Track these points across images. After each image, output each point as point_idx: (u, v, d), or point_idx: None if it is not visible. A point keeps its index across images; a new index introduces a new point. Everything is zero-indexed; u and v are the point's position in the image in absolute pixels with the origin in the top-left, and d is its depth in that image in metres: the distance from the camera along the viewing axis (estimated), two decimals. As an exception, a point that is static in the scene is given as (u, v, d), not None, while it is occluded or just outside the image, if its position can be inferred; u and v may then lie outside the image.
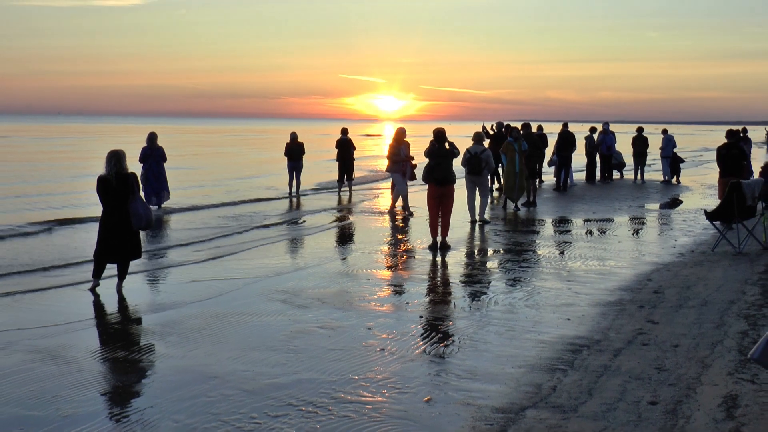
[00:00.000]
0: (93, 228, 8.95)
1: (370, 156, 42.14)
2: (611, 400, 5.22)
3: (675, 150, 24.50)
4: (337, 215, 16.15)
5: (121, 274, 8.77)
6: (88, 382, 5.67)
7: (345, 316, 7.51)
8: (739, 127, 22.93)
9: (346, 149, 20.10)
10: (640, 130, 24.77)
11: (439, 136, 11.62)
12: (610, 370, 5.85)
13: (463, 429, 4.78)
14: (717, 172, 15.15)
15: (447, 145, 11.58)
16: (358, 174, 23.18)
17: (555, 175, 22.18)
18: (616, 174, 25.57)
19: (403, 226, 14.43)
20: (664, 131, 25.16)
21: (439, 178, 11.53)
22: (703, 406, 5.08)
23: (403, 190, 15.96)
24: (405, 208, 15.95)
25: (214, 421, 4.90)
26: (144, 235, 11.80)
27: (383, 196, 19.92)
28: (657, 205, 18.13)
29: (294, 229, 14.13)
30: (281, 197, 19.64)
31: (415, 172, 15.85)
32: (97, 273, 8.70)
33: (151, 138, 16.35)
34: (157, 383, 5.68)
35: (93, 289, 8.62)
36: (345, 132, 20.43)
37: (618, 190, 21.70)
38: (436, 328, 7.19)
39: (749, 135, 23.44)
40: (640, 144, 24.45)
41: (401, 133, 16.10)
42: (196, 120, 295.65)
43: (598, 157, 24.37)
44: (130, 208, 8.52)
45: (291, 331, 6.99)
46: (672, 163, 24.18)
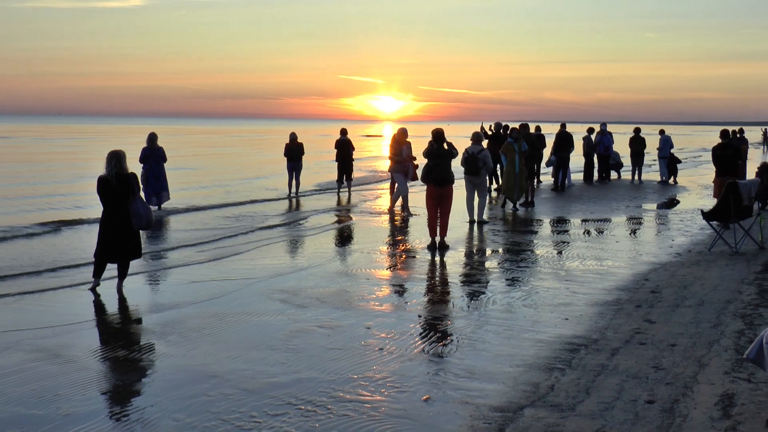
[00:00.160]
0: (97, 229, 8.97)
1: (370, 157, 42.13)
2: (609, 399, 5.24)
3: (672, 150, 24.56)
4: (337, 215, 16.17)
5: (122, 274, 8.80)
6: (89, 381, 5.69)
7: (344, 316, 7.54)
8: (736, 128, 23.01)
9: (345, 150, 20.13)
10: (638, 131, 24.85)
11: (437, 136, 11.65)
12: (607, 369, 5.88)
13: (462, 428, 4.80)
14: (714, 173, 15.22)
15: (446, 146, 11.61)
16: (357, 174, 23.21)
17: (553, 176, 22.23)
18: (614, 174, 25.63)
19: (402, 227, 14.46)
20: (662, 132, 25.20)
21: (437, 179, 11.56)
22: (700, 405, 5.11)
23: (404, 191, 16.00)
24: (404, 208, 15.98)
25: (214, 419, 4.92)
26: (144, 236, 11.82)
27: (382, 197, 19.93)
28: (654, 206, 18.18)
29: (293, 230, 14.15)
30: (281, 198, 19.66)
31: (417, 173, 15.89)
32: (98, 273, 8.73)
33: (151, 138, 16.36)
34: (157, 382, 5.70)
35: (93, 289, 8.66)
36: (344, 132, 20.46)
37: (615, 190, 21.74)
38: (435, 327, 7.21)
39: (746, 136, 23.49)
40: (638, 144, 24.53)
41: (402, 134, 16.15)
42: (196, 120, 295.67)
43: (595, 158, 24.45)
44: (131, 209, 8.54)
45: (290, 330, 7.01)
46: (669, 163, 24.24)
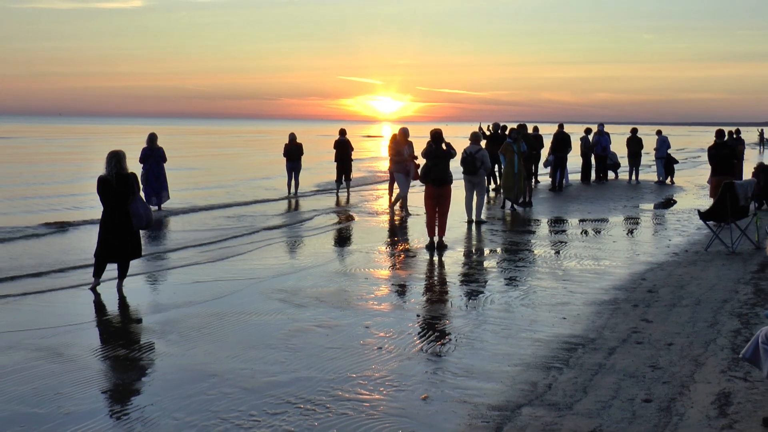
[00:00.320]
0: (97, 229, 8.98)
1: (369, 157, 42.09)
2: (606, 397, 5.27)
3: (669, 151, 24.61)
4: (336, 215, 16.18)
5: (122, 274, 8.82)
6: (89, 380, 5.72)
7: (343, 315, 7.57)
8: (733, 128, 23.06)
9: (344, 150, 20.14)
10: (635, 131, 24.91)
11: (436, 137, 11.68)
12: (604, 368, 5.91)
13: (460, 426, 4.82)
14: (710, 172, 15.29)
15: (444, 146, 11.64)
16: (356, 174, 23.23)
17: (551, 176, 22.28)
18: (611, 174, 25.67)
19: (401, 226, 14.50)
20: (659, 132, 25.26)
21: (436, 179, 11.60)
22: (697, 404, 5.14)
23: (404, 191, 16.04)
24: (403, 207, 16.02)
25: (214, 418, 4.95)
26: (144, 236, 11.82)
27: (381, 197, 19.95)
28: (651, 206, 18.22)
29: (292, 230, 14.16)
30: (280, 198, 19.67)
31: (418, 172, 15.92)
32: (98, 272, 8.76)
33: (151, 139, 16.38)
34: (157, 381, 5.73)
35: (94, 288, 8.69)
36: (343, 133, 20.48)
37: (613, 190, 21.78)
38: (433, 326, 7.24)
39: (742, 136, 23.55)
40: (635, 145, 24.58)
41: (404, 134, 16.19)
42: (196, 121, 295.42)
43: (593, 158, 24.51)
44: (131, 208, 8.57)
45: (289, 329, 7.04)
46: (666, 163, 24.29)
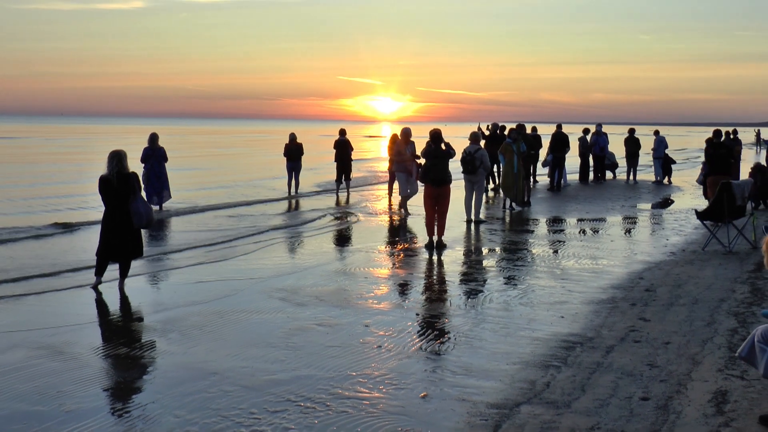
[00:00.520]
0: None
1: (369, 158, 42.07)
2: (604, 396, 5.31)
3: (666, 151, 24.66)
4: (336, 215, 16.20)
5: (123, 273, 8.84)
6: (91, 378, 5.75)
7: (343, 314, 7.60)
8: (730, 129, 23.14)
9: (344, 150, 20.16)
10: (632, 132, 24.95)
11: (435, 137, 11.72)
12: (602, 366, 5.95)
13: (459, 424, 4.85)
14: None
15: (443, 146, 11.68)
16: (356, 174, 23.24)
17: (549, 176, 22.32)
18: (609, 174, 25.71)
19: (401, 226, 14.54)
20: (656, 132, 25.30)
21: (435, 179, 11.63)
22: (694, 402, 5.17)
23: (404, 191, 16.09)
24: (403, 206, 16.07)
25: (214, 416, 4.98)
26: (145, 236, 11.84)
27: (381, 197, 19.97)
28: (649, 205, 18.26)
29: (292, 229, 14.18)
30: (280, 198, 19.70)
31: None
32: (99, 271, 8.80)
33: (153, 138, 16.41)
34: (158, 379, 5.76)
35: (95, 287, 8.73)
36: (343, 133, 20.51)
37: (611, 190, 21.82)
38: (432, 325, 7.28)
39: (739, 137, 23.61)
40: (632, 145, 24.63)
41: (406, 134, 16.23)
42: (196, 121, 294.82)
43: (591, 158, 24.54)
44: (131, 207, 8.60)
45: (289, 328, 7.07)
46: (664, 163, 24.34)
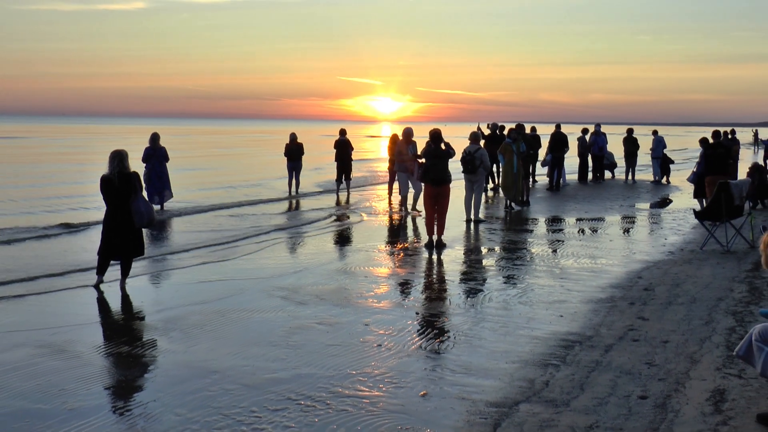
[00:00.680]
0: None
1: (370, 158, 42.07)
2: (602, 394, 5.33)
3: (665, 151, 24.70)
4: (336, 215, 16.23)
5: (125, 272, 8.87)
6: (93, 376, 5.78)
7: (343, 313, 7.63)
8: (728, 129, 23.18)
9: (344, 150, 20.18)
10: (630, 132, 24.98)
11: (435, 136, 11.74)
12: (601, 365, 5.97)
13: (458, 423, 4.88)
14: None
15: (443, 146, 11.70)
16: (356, 174, 23.26)
17: (548, 175, 22.36)
18: (608, 174, 25.74)
19: (400, 225, 14.57)
20: (655, 132, 25.33)
21: (435, 179, 11.65)
22: (692, 401, 5.20)
23: (405, 190, 16.14)
24: (402, 205, 16.11)
25: (215, 414, 5.00)
26: (147, 236, 11.85)
27: (381, 197, 20.00)
28: (647, 205, 18.30)
29: (293, 229, 14.19)
30: (281, 198, 19.72)
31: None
32: (101, 270, 8.84)
33: (154, 138, 16.43)
34: (159, 378, 5.79)
35: (97, 286, 8.76)
36: (343, 133, 20.52)
37: (609, 190, 21.86)
38: (432, 324, 7.30)
39: (737, 137, 23.64)
40: (630, 145, 24.66)
41: (407, 134, 16.27)
42: (197, 121, 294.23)
43: (590, 158, 24.58)
44: (133, 207, 8.63)
45: (290, 327, 7.10)
46: (662, 163, 24.38)
